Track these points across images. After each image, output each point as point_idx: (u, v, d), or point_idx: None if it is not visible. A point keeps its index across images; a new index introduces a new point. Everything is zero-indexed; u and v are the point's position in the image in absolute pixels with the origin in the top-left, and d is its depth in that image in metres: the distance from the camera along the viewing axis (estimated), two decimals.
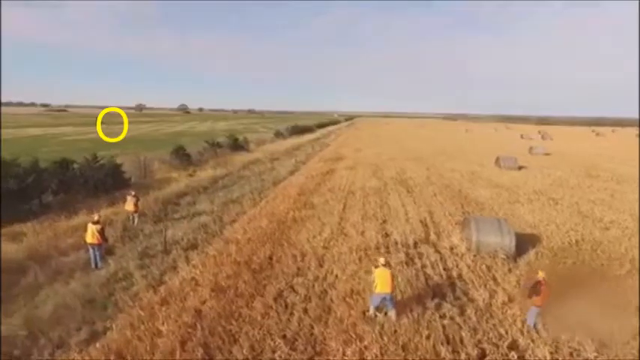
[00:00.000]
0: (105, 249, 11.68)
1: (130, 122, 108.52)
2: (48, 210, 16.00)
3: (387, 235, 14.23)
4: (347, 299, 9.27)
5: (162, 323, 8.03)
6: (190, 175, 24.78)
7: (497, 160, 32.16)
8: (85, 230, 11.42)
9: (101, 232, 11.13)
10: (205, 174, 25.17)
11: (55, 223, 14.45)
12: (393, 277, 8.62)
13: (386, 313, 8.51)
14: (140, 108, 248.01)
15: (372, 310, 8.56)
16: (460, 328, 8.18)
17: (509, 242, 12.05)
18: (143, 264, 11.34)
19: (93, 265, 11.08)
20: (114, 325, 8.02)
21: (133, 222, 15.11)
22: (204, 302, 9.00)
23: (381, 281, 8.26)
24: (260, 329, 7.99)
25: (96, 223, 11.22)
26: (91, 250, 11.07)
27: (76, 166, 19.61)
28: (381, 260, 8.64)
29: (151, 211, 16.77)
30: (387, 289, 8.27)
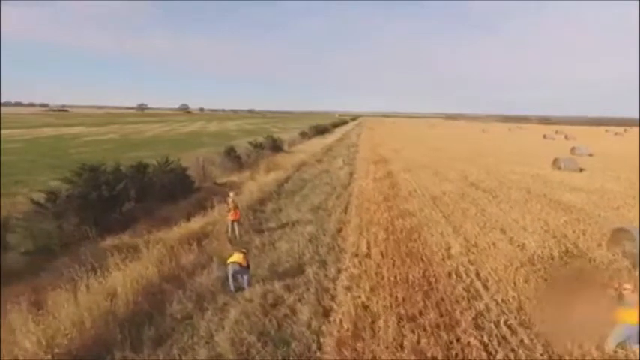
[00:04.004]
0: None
1: (138, 122, 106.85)
2: (135, 219, 14.59)
3: (521, 246, 12.95)
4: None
5: None
6: (216, 184, 22.46)
7: (556, 161, 31.00)
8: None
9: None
10: (267, 178, 23.75)
11: (149, 235, 13.07)
12: None
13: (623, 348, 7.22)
14: (142, 108, 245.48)
15: (612, 345, 7.24)
16: None
17: None
18: (286, 285, 9.95)
19: (232, 288, 9.68)
20: None
21: (234, 232, 13.69)
22: (403, 337, 7.65)
23: (633, 309, 6.96)
24: None
25: (243, 251, 10.05)
26: (230, 270, 9.66)
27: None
28: (628, 285, 7.33)
29: (243, 219, 15.36)
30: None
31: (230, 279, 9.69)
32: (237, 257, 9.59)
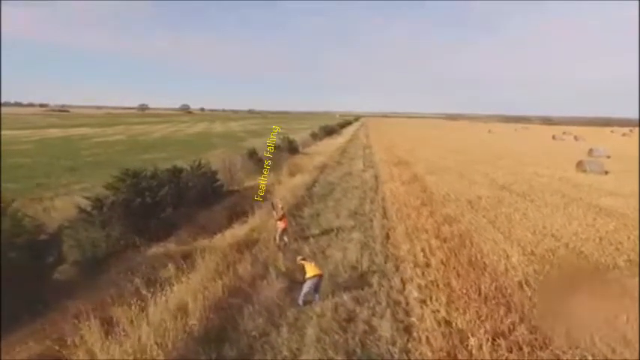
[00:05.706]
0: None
1: (142, 123, 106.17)
2: (174, 225, 14.08)
3: (580, 254, 12.50)
4: None
5: None
6: (233, 191, 21.35)
7: (581, 163, 30.61)
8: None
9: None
10: (294, 181, 23.29)
11: (195, 242, 12.61)
12: None
13: None
14: (143, 108, 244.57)
15: None
16: None
17: None
18: (355, 297, 9.47)
19: (300, 302, 9.18)
20: None
21: (282, 240, 13.15)
22: (502, 358, 7.18)
23: None
24: None
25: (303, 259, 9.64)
26: (311, 285, 9.16)
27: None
28: None
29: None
30: None
31: (303, 293, 9.19)
32: (315, 270, 9.12)
